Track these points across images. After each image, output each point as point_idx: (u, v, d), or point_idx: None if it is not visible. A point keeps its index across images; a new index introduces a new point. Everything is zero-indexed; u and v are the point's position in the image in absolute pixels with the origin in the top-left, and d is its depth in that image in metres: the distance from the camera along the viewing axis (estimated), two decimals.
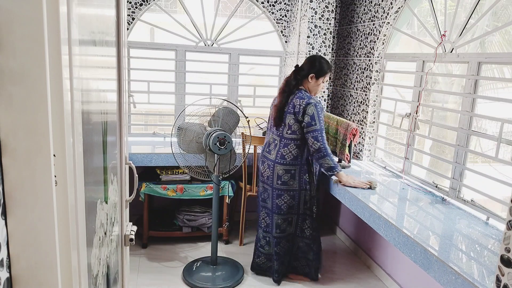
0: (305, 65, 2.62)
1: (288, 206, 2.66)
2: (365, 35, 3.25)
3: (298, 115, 2.51)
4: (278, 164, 2.60)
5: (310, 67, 2.59)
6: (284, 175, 2.61)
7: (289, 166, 2.60)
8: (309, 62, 2.61)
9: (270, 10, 3.65)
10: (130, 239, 1.43)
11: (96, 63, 1.02)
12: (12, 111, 0.63)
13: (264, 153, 2.74)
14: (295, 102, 2.53)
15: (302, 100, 2.52)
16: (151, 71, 3.58)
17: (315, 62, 2.59)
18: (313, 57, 2.65)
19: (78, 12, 0.78)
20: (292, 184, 2.62)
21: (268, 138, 2.74)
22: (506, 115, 2.07)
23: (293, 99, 2.55)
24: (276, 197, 2.65)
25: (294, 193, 2.64)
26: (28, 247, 0.67)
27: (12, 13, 0.60)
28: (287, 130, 2.58)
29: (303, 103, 2.50)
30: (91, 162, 0.93)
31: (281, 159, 2.60)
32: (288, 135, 2.57)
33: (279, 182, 2.62)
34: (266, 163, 2.68)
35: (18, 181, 0.65)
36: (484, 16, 2.23)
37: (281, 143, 2.61)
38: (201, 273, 2.89)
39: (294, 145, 2.58)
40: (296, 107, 2.52)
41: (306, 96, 2.54)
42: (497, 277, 1.16)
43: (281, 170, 2.60)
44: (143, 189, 3.15)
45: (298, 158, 2.60)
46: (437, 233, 1.92)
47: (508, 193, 1.96)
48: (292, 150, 2.58)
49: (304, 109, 2.49)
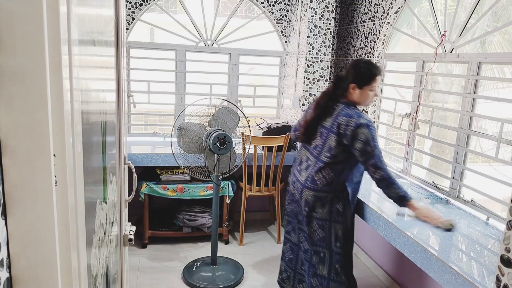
0: (346, 74, 2.19)
1: (318, 237, 2.22)
2: (365, 35, 3.25)
3: (343, 138, 2.05)
4: (306, 188, 2.19)
5: (350, 76, 2.15)
6: (313, 202, 2.18)
7: (319, 192, 2.16)
8: (349, 69, 2.18)
9: (270, 10, 3.65)
10: (129, 239, 1.43)
11: (95, 63, 1.02)
12: (12, 111, 0.63)
13: (294, 171, 2.34)
14: (340, 121, 2.07)
15: (350, 119, 2.04)
16: (151, 71, 3.58)
17: (355, 68, 2.15)
18: (353, 62, 2.20)
19: (77, 12, 0.78)
20: (321, 212, 2.18)
21: (301, 154, 2.32)
22: (506, 115, 2.07)
23: (337, 116, 2.10)
24: (306, 224, 2.25)
25: (323, 223, 2.20)
26: (28, 247, 0.67)
27: (12, 13, 0.60)
28: (326, 152, 2.13)
29: (351, 124, 2.03)
30: (90, 162, 0.93)
31: (311, 183, 2.17)
32: (326, 158, 2.12)
33: (306, 208, 2.21)
34: (297, 184, 2.27)
35: (18, 181, 0.65)
36: (484, 16, 2.23)
37: (315, 166, 2.17)
38: (201, 273, 2.89)
39: (331, 170, 2.13)
40: (341, 128, 2.06)
41: (355, 114, 2.07)
42: (497, 277, 1.16)
43: (309, 196, 2.18)
44: (143, 189, 3.15)
45: (333, 184, 2.14)
46: (437, 233, 1.92)
47: (508, 193, 1.96)
48: (327, 175, 2.14)
49: (353, 133, 2.02)
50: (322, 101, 2.19)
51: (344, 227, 2.19)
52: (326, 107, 2.16)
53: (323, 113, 2.16)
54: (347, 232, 2.21)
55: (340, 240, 2.20)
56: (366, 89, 2.13)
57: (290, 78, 3.63)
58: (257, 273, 3.00)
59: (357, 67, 2.13)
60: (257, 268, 3.06)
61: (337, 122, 2.08)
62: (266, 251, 3.35)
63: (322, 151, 2.15)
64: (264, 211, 4.02)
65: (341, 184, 2.16)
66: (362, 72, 2.12)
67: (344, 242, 2.20)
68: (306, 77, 3.35)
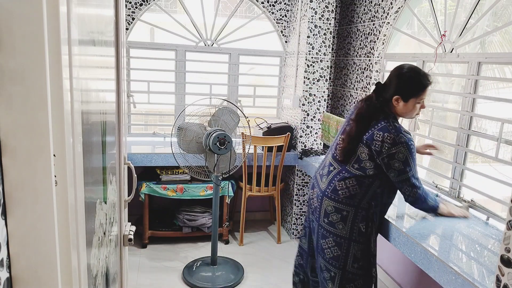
0: (389, 82, 1.90)
1: (333, 255, 1.95)
2: (365, 35, 3.25)
3: (378, 155, 1.83)
4: (327, 198, 1.94)
5: (393, 86, 1.87)
6: (333, 214, 1.92)
7: (341, 204, 1.90)
8: (392, 77, 1.90)
9: (270, 10, 3.65)
10: (129, 239, 1.43)
11: (95, 63, 1.02)
12: (12, 111, 0.63)
13: (316, 174, 2.09)
14: (376, 136, 1.83)
15: (388, 136, 1.80)
16: (151, 71, 3.58)
17: (399, 78, 1.86)
18: (398, 69, 1.90)
19: (77, 12, 0.78)
20: (341, 229, 1.91)
21: (326, 156, 2.11)
22: (506, 115, 2.07)
23: (374, 129, 1.85)
24: (322, 237, 1.99)
25: (341, 240, 1.93)
26: (28, 247, 0.67)
27: (12, 13, 0.60)
28: (353, 163, 1.90)
29: (388, 140, 1.80)
30: (90, 162, 0.93)
31: (332, 193, 1.92)
32: (354, 169, 1.90)
33: (325, 220, 1.95)
34: (316, 190, 2.04)
35: (18, 181, 0.65)
36: (484, 16, 2.23)
37: (339, 174, 1.93)
38: (201, 273, 2.89)
39: (355, 181, 1.88)
40: (376, 144, 1.82)
41: (394, 129, 1.81)
42: (497, 277, 1.16)
43: (330, 207, 1.93)
44: (143, 189, 3.15)
45: (356, 198, 1.88)
46: (437, 233, 1.92)
47: (508, 193, 1.96)
48: (350, 186, 1.89)
49: (390, 152, 1.80)
50: (366, 112, 1.90)
51: (366, 249, 1.93)
52: (370, 118, 1.88)
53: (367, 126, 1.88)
54: (369, 254, 1.94)
55: (359, 262, 1.93)
56: (413, 101, 1.86)
57: (290, 78, 3.63)
58: (257, 273, 3.00)
59: (402, 76, 1.86)
60: (257, 268, 3.06)
61: (371, 135, 1.84)
62: (266, 251, 3.35)
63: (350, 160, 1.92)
64: (264, 211, 4.02)
65: (367, 202, 1.89)
66: (408, 82, 1.84)
67: (364, 263, 1.94)
68: (306, 77, 3.35)
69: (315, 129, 3.45)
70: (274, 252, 3.35)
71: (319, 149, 3.48)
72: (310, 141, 3.47)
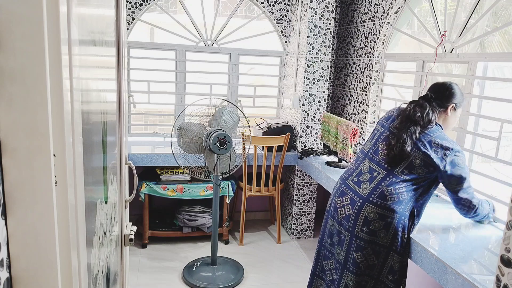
0: (440, 93, 1.92)
1: (368, 264, 1.85)
2: (365, 35, 3.25)
3: (438, 162, 1.78)
4: (371, 204, 1.82)
5: (449, 96, 1.90)
6: (376, 222, 1.81)
7: (387, 211, 1.80)
8: (446, 89, 1.92)
9: (270, 10, 3.65)
10: (130, 239, 1.43)
11: (95, 63, 1.02)
12: (12, 111, 0.63)
13: (347, 182, 1.98)
14: (436, 142, 1.81)
15: (446, 143, 1.80)
16: (151, 71, 3.58)
17: (453, 89, 1.91)
18: (448, 83, 1.94)
19: (78, 12, 0.78)
20: (383, 237, 1.81)
21: (360, 163, 1.99)
22: (506, 115, 2.07)
23: (430, 135, 1.83)
24: (356, 249, 1.85)
25: (380, 249, 1.82)
26: (28, 247, 0.67)
27: (12, 13, 0.60)
28: (404, 168, 1.84)
29: (449, 148, 1.79)
30: (90, 162, 0.93)
31: (380, 198, 1.82)
32: (404, 175, 1.83)
33: (364, 229, 1.82)
34: (349, 197, 1.91)
35: (18, 181, 0.65)
36: (484, 16, 2.23)
37: (386, 179, 1.85)
38: (201, 273, 2.89)
39: (406, 187, 1.83)
40: (437, 151, 1.80)
41: (449, 139, 1.84)
42: (497, 277, 1.16)
43: (373, 213, 1.81)
44: (143, 189, 3.15)
45: (403, 203, 1.81)
46: (437, 233, 1.92)
47: (508, 193, 1.96)
48: (400, 192, 1.82)
49: (451, 159, 1.79)
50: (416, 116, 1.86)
51: (403, 261, 1.85)
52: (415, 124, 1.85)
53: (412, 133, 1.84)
54: (405, 266, 1.87)
55: (395, 274, 1.85)
56: (460, 111, 1.96)
57: (290, 78, 3.63)
58: (257, 273, 3.00)
59: (452, 87, 1.92)
60: (257, 268, 3.06)
61: (429, 141, 1.81)
62: (266, 251, 3.35)
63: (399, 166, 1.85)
64: (264, 211, 4.02)
65: (410, 208, 1.83)
66: (459, 92, 1.93)
67: (399, 277, 1.85)
68: (306, 77, 3.35)
69: (315, 129, 3.45)
70: (274, 252, 3.35)
71: (319, 149, 3.48)
72: (310, 141, 3.47)
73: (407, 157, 1.83)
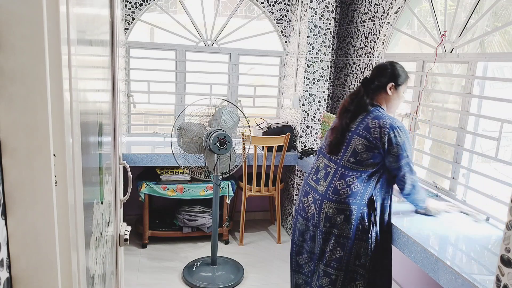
0: (378, 75, 1.98)
1: (335, 257, 1.94)
2: (365, 35, 3.25)
3: (375, 142, 1.85)
4: (328, 200, 1.92)
5: (388, 75, 1.96)
6: (336, 216, 1.91)
7: (343, 205, 1.89)
8: (383, 70, 1.98)
9: (270, 10, 3.64)
10: (125, 239, 1.43)
11: (92, 63, 1.02)
12: (12, 111, 0.63)
13: (308, 181, 2.08)
14: (371, 124, 1.87)
15: (383, 122, 1.85)
16: (151, 71, 3.58)
17: (392, 69, 1.97)
18: (386, 63, 2.02)
19: (75, 11, 0.78)
20: (345, 229, 1.90)
21: (316, 160, 2.10)
22: (506, 115, 2.07)
23: (365, 119, 1.90)
24: (323, 242, 1.97)
25: (345, 241, 1.92)
26: (28, 247, 0.67)
27: (12, 13, 0.60)
28: (349, 157, 1.90)
29: (385, 126, 1.84)
30: (87, 162, 0.93)
31: (334, 194, 1.91)
32: (350, 163, 1.90)
33: (327, 224, 1.93)
34: (311, 196, 2.02)
35: (18, 181, 0.65)
36: (484, 16, 2.23)
37: (336, 173, 1.93)
38: (201, 273, 2.89)
39: (356, 178, 1.89)
40: (372, 132, 1.85)
41: (387, 117, 1.88)
42: (497, 277, 1.16)
43: (331, 209, 1.91)
44: (143, 189, 3.15)
45: (358, 195, 1.89)
46: (437, 233, 1.92)
47: (508, 193, 1.96)
48: (352, 184, 1.89)
49: (388, 137, 1.83)
50: (350, 105, 1.97)
51: (370, 246, 1.92)
52: (355, 111, 1.94)
53: (353, 118, 1.94)
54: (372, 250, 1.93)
55: (360, 259, 1.93)
56: (401, 89, 1.99)
57: (290, 78, 3.63)
58: (257, 273, 3.00)
59: (390, 67, 1.97)
60: (257, 268, 3.06)
61: (366, 125, 1.88)
62: (266, 251, 3.35)
63: (344, 155, 1.92)
64: (264, 211, 4.02)
65: (367, 197, 1.91)
66: (398, 71, 1.97)
67: (365, 261, 1.93)
68: (306, 77, 3.35)
69: (315, 129, 3.45)
70: (274, 252, 3.35)
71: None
72: (310, 141, 3.47)
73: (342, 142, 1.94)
